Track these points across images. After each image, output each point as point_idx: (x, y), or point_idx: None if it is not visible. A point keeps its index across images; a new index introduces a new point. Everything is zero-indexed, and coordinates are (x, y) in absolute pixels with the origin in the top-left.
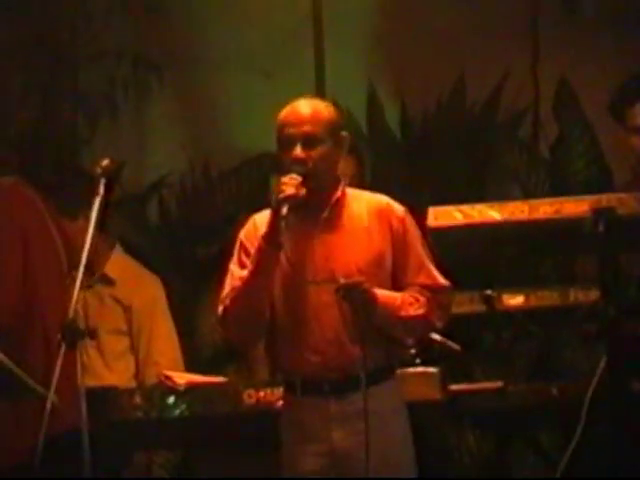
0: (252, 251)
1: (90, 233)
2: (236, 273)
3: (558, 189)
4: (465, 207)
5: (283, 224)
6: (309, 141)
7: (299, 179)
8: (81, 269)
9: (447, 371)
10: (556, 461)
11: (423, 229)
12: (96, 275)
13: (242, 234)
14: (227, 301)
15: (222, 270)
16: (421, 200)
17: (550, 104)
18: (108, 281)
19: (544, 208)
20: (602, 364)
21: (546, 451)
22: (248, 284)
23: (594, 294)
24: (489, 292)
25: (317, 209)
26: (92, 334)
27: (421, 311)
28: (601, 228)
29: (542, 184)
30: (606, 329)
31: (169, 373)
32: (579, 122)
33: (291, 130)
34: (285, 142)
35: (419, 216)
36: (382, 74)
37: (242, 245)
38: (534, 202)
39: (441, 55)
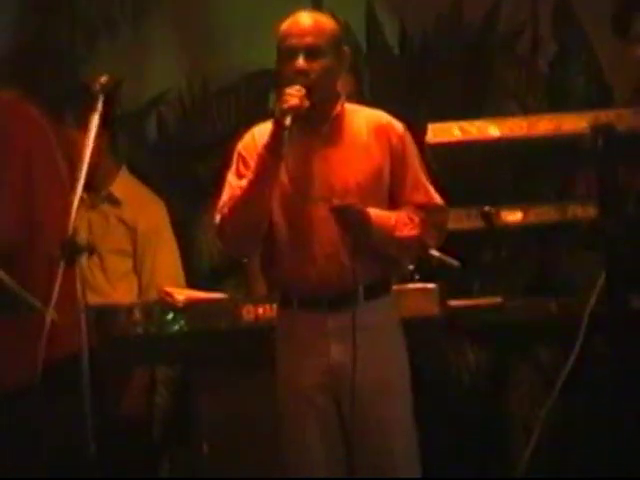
0: (250, 162)
1: (88, 150)
2: (234, 183)
3: (557, 106)
4: (464, 123)
5: (286, 135)
6: (311, 53)
7: (303, 91)
8: (80, 183)
9: (445, 287)
10: (554, 377)
11: (421, 146)
12: (102, 193)
13: (240, 145)
14: (225, 210)
15: (219, 186)
16: (419, 117)
17: (549, 20)
18: (114, 201)
19: (543, 124)
20: (601, 280)
21: (544, 367)
22: (248, 193)
23: (592, 210)
24: (487, 208)
25: (317, 123)
26: (91, 250)
27: (415, 232)
28: (600, 144)
29: (540, 101)
30: (605, 245)
31: (168, 289)
32: (578, 38)
33: (293, 41)
34: (287, 53)
35: (417, 133)
36: None
37: (240, 156)
38: (533, 118)
39: None
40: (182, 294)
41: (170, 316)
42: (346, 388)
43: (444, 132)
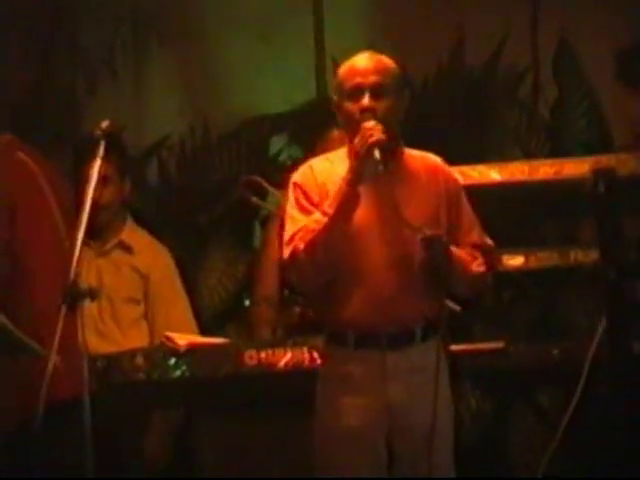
0: (313, 196)
1: (89, 196)
2: (298, 217)
3: (558, 151)
4: (465, 168)
5: (381, 168)
6: (376, 91)
7: (380, 126)
8: (81, 229)
9: (447, 332)
10: (556, 422)
11: None
12: (113, 241)
13: (298, 179)
14: (300, 244)
15: (221, 231)
16: None
17: (550, 65)
18: (126, 248)
19: (544, 169)
20: (602, 325)
21: (546, 412)
22: (330, 228)
23: (594, 255)
24: None
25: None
26: (93, 295)
27: (482, 268)
28: (601, 189)
29: (542, 146)
30: (606, 290)
31: (170, 334)
32: (579, 83)
33: (358, 79)
34: (352, 91)
35: None
36: (381, 36)
37: (301, 189)
38: (534, 163)
39: (440, 16)
40: (184, 339)
41: (172, 361)
42: (401, 428)
43: None
